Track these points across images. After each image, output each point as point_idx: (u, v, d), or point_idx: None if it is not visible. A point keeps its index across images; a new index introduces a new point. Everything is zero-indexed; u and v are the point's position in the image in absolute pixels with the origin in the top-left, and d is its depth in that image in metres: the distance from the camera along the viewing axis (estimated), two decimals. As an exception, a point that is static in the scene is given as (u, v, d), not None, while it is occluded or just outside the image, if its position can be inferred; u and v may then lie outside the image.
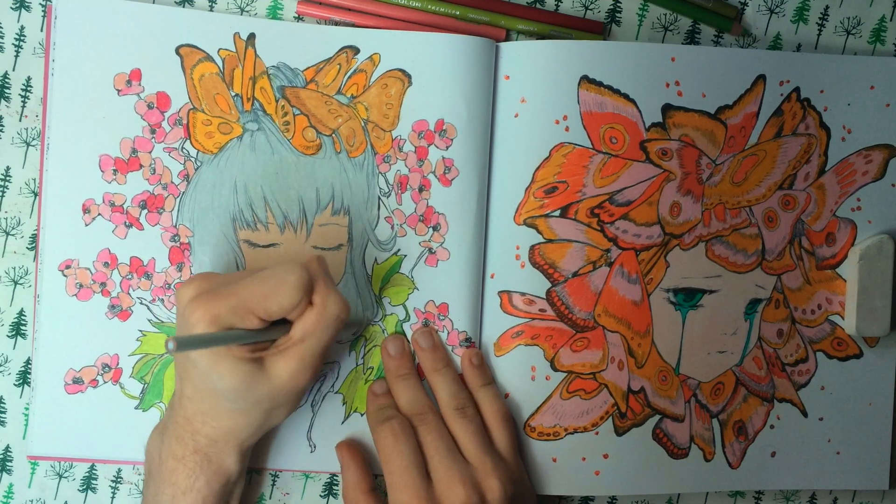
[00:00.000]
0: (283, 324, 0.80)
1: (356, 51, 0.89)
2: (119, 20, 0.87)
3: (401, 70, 0.89)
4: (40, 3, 0.89)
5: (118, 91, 0.87)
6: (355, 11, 0.91)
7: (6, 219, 0.90)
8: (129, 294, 0.88)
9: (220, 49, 0.88)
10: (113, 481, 0.92)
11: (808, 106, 0.94)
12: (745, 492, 1.00)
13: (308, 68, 0.89)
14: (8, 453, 0.91)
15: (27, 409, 0.91)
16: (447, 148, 0.90)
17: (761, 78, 0.92)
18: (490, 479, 0.85)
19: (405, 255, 0.90)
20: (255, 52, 0.88)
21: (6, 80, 0.90)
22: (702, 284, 0.93)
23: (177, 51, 0.88)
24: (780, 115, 0.93)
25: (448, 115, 0.90)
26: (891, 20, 0.97)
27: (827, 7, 0.97)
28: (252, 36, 0.88)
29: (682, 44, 0.95)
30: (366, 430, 0.91)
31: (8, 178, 0.90)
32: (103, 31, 0.87)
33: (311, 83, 0.89)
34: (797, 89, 0.93)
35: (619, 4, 0.95)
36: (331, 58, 0.89)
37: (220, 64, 0.88)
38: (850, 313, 0.95)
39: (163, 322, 0.89)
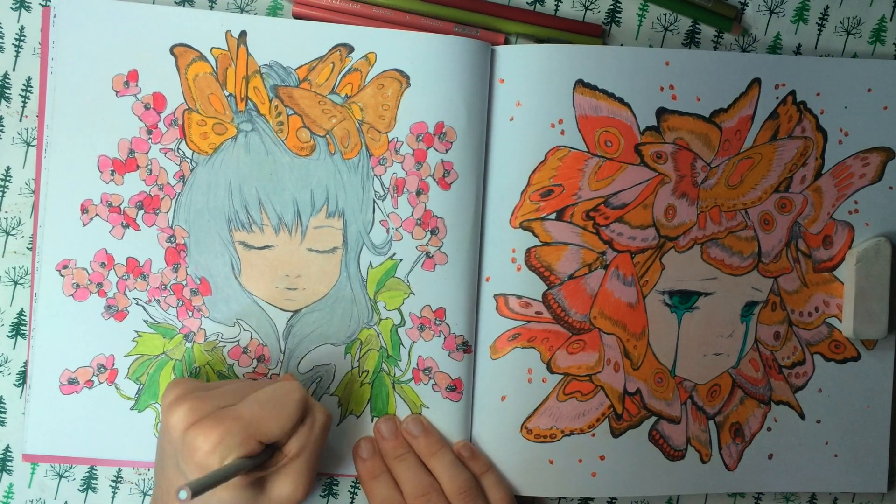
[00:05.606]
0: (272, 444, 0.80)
1: (350, 49, 0.89)
2: (115, 21, 0.87)
3: (398, 70, 0.89)
4: (40, 4, 0.90)
5: (116, 92, 0.88)
6: (352, 14, 0.91)
7: (6, 219, 0.90)
8: (125, 295, 0.88)
9: (212, 48, 0.88)
10: (113, 481, 0.93)
11: (805, 109, 0.93)
12: (745, 493, 0.99)
13: (301, 67, 0.89)
14: (8, 453, 0.92)
15: (27, 409, 0.91)
16: (446, 151, 0.90)
17: (756, 81, 0.92)
18: None
19: (401, 260, 0.90)
20: (248, 50, 0.88)
21: (6, 80, 0.90)
22: (697, 287, 0.93)
23: (171, 51, 0.88)
24: (776, 119, 0.93)
25: (448, 117, 0.89)
26: (891, 20, 0.97)
27: (827, 7, 0.96)
28: (244, 34, 0.88)
29: (682, 44, 0.95)
30: (360, 432, 0.91)
31: (8, 178, 0.90)
32: (101, 32, 0.87)
33: (305, 82, 0.88)
34: (793, 92, 0.93)
35: (618, 4, 0.94)
36: (324, 56, 0.89)
37: (214, 63, 0.88)
38: (848, 316, 0.94)
39: (158, 323, 0.89)
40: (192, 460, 0.75)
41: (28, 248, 0.91)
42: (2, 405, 0.91)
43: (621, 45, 0.95)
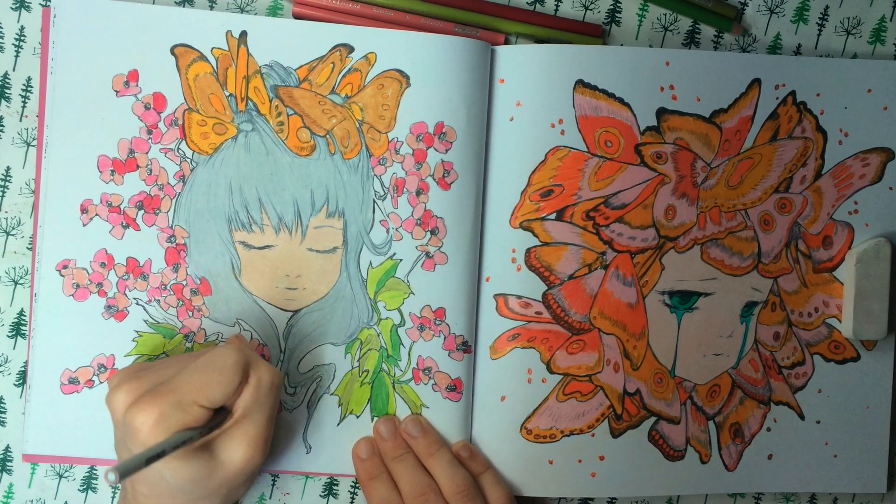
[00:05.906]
0: (222, 409, 0.79)
1: (350, 49, 0.89)
2: (116, 21, 0.87)
3: (398, 70, 0.89)
4: (40, 4, 0.89)
5: (116, 92, 0.87)
6: (352, 14, 0.91)
7: (6, 219, 0.90)
8: (125, 294, 0.88)
9: (213, 48, 0.88)
10: (113, 480, 0.93)
11: (805, 109, 0.93)
12: (745, 493, 0.99)
13: (301, 67, 0.88)
14: (8, 453, 0.92)
15: (26, 408, 0.91)
16: (446, 151, 0.90)
17: (756, 82, 0.92)
18: None
19: (401, 260, 0.90)
20: (248, 50, 0.88)
21: (6, 80, 0.90)
22: (697, 287, 0.93)
23: (172, 51, 0.88)
24: (776, 119, 0.93)
25: (448, 117, 0.89)
26: (891, 20, 0.97)
27: (827, 7, 0.96)
28: (244, 34, 0.88)
29: (682, 44, 0.95)
30: (360, 432, 0.91)
31: (8, 178, 0.90)
32: (101, 32, 0.87)
33: (305, 82, 0.88)
34: (793, 93, 0.93)
35: (619, 4, 0.94)
36: (324, 56, 0.89)
37: (214, 63, 0.88)
38: (847, 316, 0.94)
39: (159, 323, 0.89)
40: (138, 440, 0.75)
41: (28, 248, 0.91)
42: (2, 405, 0.91)
43: (621, 45, 0.95)
